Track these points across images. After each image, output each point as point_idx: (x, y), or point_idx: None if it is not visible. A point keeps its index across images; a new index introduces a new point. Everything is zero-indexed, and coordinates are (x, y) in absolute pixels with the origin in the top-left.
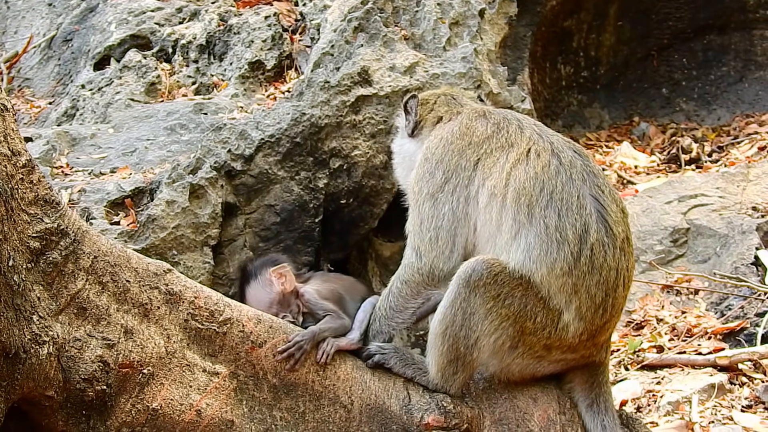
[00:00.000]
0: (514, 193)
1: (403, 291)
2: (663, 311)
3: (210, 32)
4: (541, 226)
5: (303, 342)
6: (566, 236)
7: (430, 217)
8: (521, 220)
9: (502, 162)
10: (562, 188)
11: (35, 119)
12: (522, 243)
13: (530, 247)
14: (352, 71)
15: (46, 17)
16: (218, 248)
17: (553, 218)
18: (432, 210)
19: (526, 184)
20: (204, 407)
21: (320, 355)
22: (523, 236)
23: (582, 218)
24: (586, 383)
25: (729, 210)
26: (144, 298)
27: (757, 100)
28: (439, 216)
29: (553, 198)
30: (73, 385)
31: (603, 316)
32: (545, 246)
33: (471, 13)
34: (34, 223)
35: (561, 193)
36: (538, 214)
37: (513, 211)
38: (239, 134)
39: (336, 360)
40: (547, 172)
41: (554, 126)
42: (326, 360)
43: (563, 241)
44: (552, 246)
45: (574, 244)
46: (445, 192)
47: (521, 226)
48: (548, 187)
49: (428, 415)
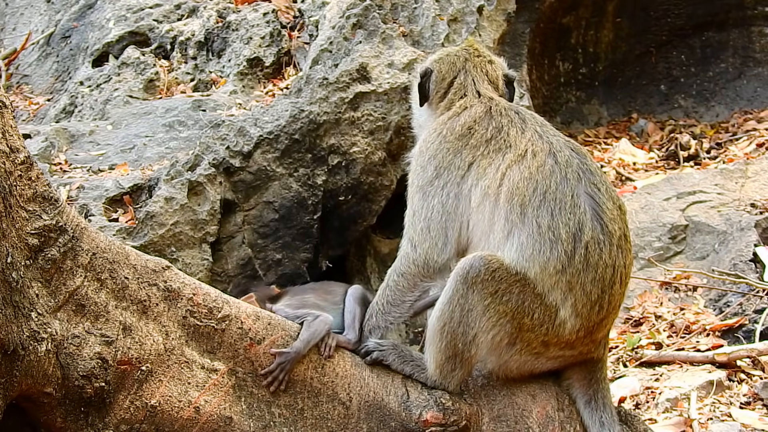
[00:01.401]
0: (507, 193)
1: (400, 283)
2: (661, 308)
3: (208, 29)
4: (534, 226)
5: (285, 363)
6: (559, 235)
7: (421, 208)
8: (513, 220)
9: (497, 163)
10: (556, 188)
11: (33, 116)
12: (515, 242)
13: (523, 246)
14: (350, 68)
15: (44, 14)
16: (217, 245)
17: (545, 218)
18: (422, 202)
19: (519, 185)
20: (202, 404)
21: (323, 349)
22: (516, 236)
23: (576, 217)
24: (584, 380)
25: (727, 207)
26: (143, 295)
27: (756, 96)
28: (428, 207)
29: (546, 198)
30: (71, 382)
31: (600, 312)
32: (538, 245)
33: (469, 10)
34: (32, 219)
35: (555, 193)
36: (531, 214)
37: (506, 210)
38: (238, 131)
39: (334, 357)
40: (541, 172)
41: (552, 122)
42: (329, 353)
43: (556, 240)
44: (545, 245)
45: (567, 242)
46: (434, 186)
47: (513, 225)
48: (542, 187)
49: (427, 411)
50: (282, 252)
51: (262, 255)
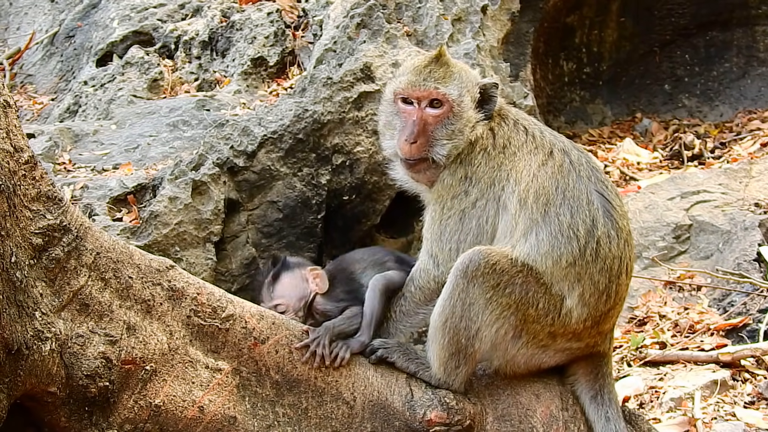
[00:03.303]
0: (534, 194)
1: (416, 296)
2: (665, 307)
3: (212, 28)
4: (555, 224)
5: (320, 337)
6: (578, 232)
7: (455, 231)
8: (535, 218)
9: (530, 165)
10: (574, 186)
11: (38, 116)
12: (531, 239)
13: (540, 243)
14: (354, 67)
15: (48, 14)
16: (221, 244)
17: (566, 216)
18: (458, 225)
19: (545, 184)
20: (206, 403)
21: (334, 358)
22: (534, 233)
23: (590, 214)
24: (590, 374)
25: (731, 206)
26: (146, 295)
27: (760, 96)
28: (464, 231)
29: (566, 196)
30: (75, 382)
31: (607, 302)
32: (556, 242)
33: (473, 10)
34: (36, 219)
35: (573, 191)
36: (553, 213)
37: (531, 210)
38: (242, 130)
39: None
40: (561, 171)
41: (557, 122)
42: (340, 363)
43: (574, 237)
44: (562, 241)
45: (583, 238)
46: (477, 208)
47: (534, 223)
48: (562, 186)
49: (431, 411)
50: (286, 251)
51: (266, 254)
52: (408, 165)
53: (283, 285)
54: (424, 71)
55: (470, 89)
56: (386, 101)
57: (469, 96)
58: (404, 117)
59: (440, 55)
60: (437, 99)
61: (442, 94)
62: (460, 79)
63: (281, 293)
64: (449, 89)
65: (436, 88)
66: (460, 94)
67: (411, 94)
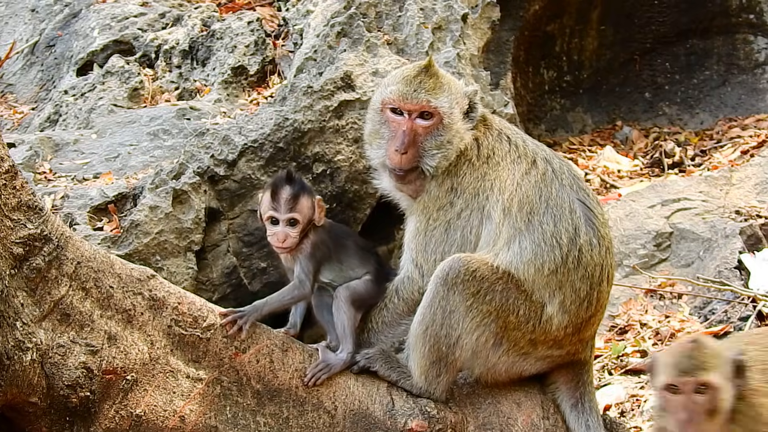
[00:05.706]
0: (518, 203)
1: (400, 307)
2: (646, 316)
3: (193, 37)
4: (539, 233)
5: (247, 314)
6: (561, 240)
7: (440, 242)
8: (519, 227)
9: (514, 175)
10: (557, 195)
11: (18, 125)
12: (515, 247)
13: (523, 251)
14: (335, 76)
15: (29, 23)
16: (201, 253)
17: (550, 224)
18: (443, 236)
19: (529, 193)
20: (187, 413)
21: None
22: (517, 241)
23: (573, 222)
24: (570, 382)
25: (712, 214)
26: (127, 304)
27: (740, 104)
28: (449, 242)
29: (549, 205)
30: (56, 392)
31: (588, 309)
32: (539, 250)
33: (454, 18)
34: (17, 228)
35: (556, 200)
36: (537, 221)
37: (515, 219)
38: (222, 139)
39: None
40: (544, 180)
41: (537, 130)
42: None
43: (557, 245)
44: (545, 249)
45: (566, 246)
46: (461, 218)
47: (518, 232)
48: (545, 194)
49: (412, 420)
50: (267, 260)
51: (247, 263)
52: (397, 176)
53: (302, 204)
54: (414, 82)
55: (459, 101)
56: (373, 110)
57: (459, 107)
58: (393, 127)
59: (429, 66)
60: (428, 111)
61: (434, 107)
62: (449, 91)
63: (300, 210)
64: (440, 101)
65: (428, 101)
66: (450, 106)
67: (402, 106)
